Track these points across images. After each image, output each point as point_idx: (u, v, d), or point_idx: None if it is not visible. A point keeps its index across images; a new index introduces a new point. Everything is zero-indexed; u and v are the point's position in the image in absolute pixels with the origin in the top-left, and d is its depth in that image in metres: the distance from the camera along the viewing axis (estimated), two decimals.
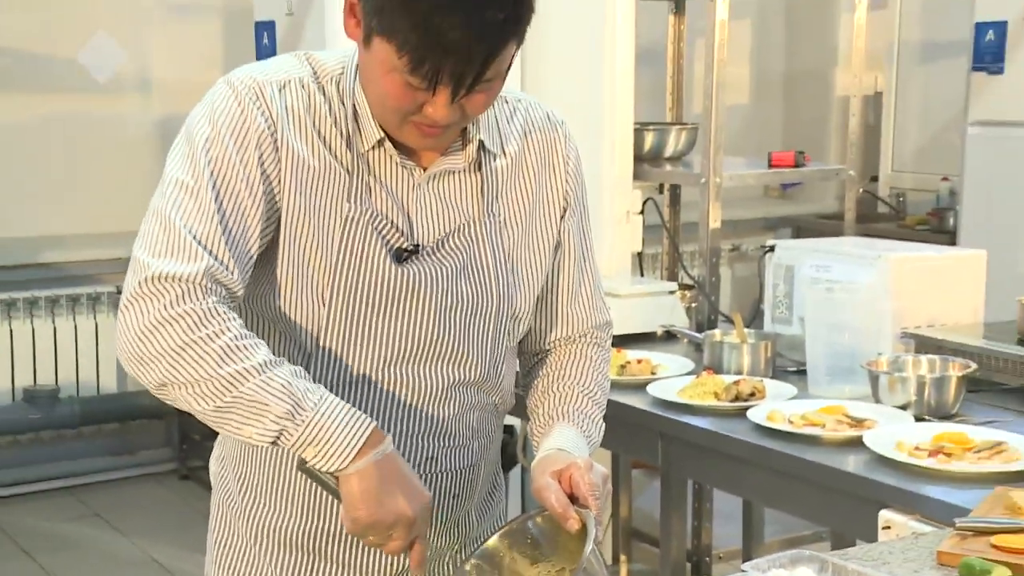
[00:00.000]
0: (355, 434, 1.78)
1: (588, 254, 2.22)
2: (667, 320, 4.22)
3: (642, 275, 4.88)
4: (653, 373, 3.65)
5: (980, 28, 6.02)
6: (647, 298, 4.22)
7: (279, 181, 1.90)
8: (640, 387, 3.52)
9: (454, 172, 2.02)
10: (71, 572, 5.48)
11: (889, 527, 2.68)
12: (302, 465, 1.82)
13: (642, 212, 4.61)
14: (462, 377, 2.06)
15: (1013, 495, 2.42)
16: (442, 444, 2.07)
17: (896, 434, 2.98)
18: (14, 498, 6.30)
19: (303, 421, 1.77)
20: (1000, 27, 5.94)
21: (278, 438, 1.78)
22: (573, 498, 1.90)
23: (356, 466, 1.78)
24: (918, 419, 3.16)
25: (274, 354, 1.84)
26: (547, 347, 2.25)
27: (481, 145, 2.03)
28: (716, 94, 4.52)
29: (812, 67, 8.18)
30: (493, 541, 1.96)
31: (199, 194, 1.85)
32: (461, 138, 2.01)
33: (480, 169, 2.04)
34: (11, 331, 6.30)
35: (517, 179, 2.09)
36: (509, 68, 1.87)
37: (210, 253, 1.81)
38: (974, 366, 3.33)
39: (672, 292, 4.35)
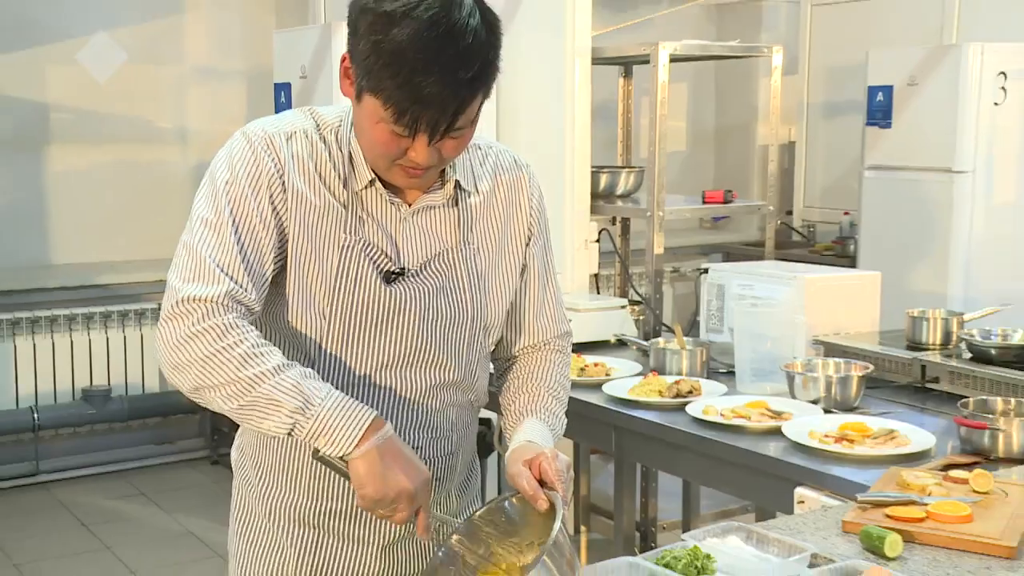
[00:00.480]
0: (358, 423, 1.78)
1: (550, 275, 2.22)
2: (619, 330, 4.20)
3: (598, 292, 4.87)
4: (607, 374, 3.65)
5: (872, 91, 6.08)
6: (602, 312, 4.21)
7: (287, 215, 1.91)
8: (596, 387, 3.51)
9: (434, 207, 2.03)
10: (121, 542, 5.46)
11: (803, 502, 2.69)
12: (316, 454, 1.82)
13: (598, 240, 4.63)
14: (442, 379, 2.06)
15: (904, 474, 2.44)
16: (426, 436, 2.07)
17: (808, 424, 3.00)
18: (75, 480, 6.28)
19: (312, 415, 1.77)
20: (888, 90, 6.00)
21: (292, 430, 1.78)
22: (542, 482, 1.90)
23: (361, 450, 1.78)
24: (826, 411, 3.17)
25: (301, 343, 1.90)
26: (516, 353, 2.24)
27: (457, 184, 2.04)
28: (658, 143, 4.53)
29: (737, 121, 8.20)
30: (474, 519, 1.95)
31: (220, 229, 1.87)
32: (440, 178, 2.02)
33: (457, 204, 2.05)
34: (71, 341, 6.28)
35: (488, 213, 2.09)
36: (477, 119, 1.89)
37: (230, 278, 1.84)
38: (871, 367, 3.37)
39: (623, 307, 4.33)
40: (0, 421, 6.08)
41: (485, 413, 2.30)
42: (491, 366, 2.25)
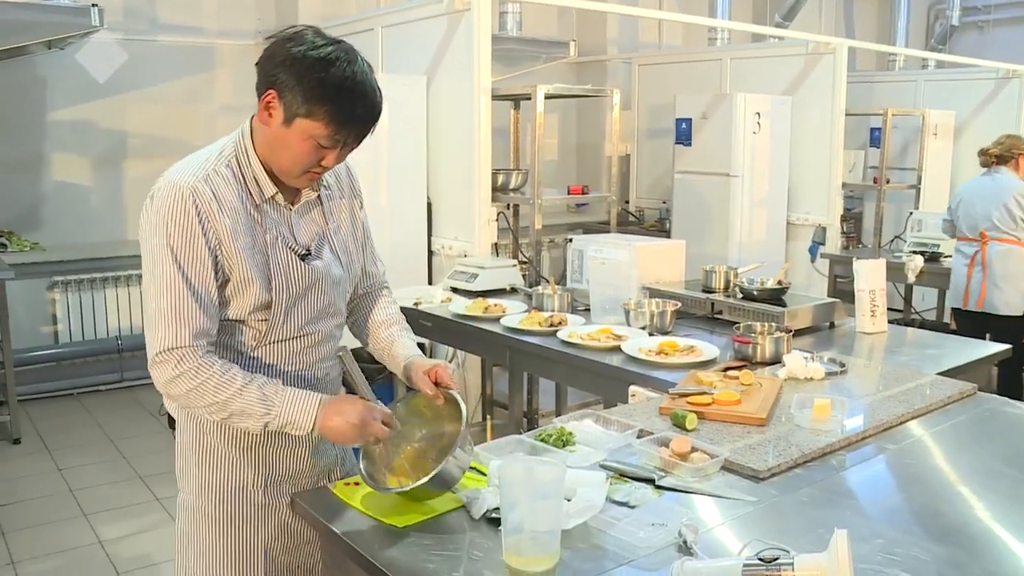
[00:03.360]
0: (309, 413, 1.70)
1: (370, 230, 2.07)
2: (511, 282, 4.16)
3: (497, 255, 4.83)
4: (503, 312, 3.60)
5: (678, 121, 6.15)
6: (500, 269, 4.15)
7: (217, 243, 1.70)
8: (496, 320, 3.47)
9: (309, 203, 1.87)
10: None
11: (635, 395, 2.69)
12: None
13: (497, 220, 4.59)
14: (337, 322, 1.94)
15: (699, 375, 2.47)
16: (330, 359, 1.93)
17: (639, 343, 3.00)
18: (146, 385, 6.06)
19: (275, 416, 1.69)
20: (689, 121, 6.08)
21: (266, 427, 1.70)
22: (436, 384, 1.85)
23: (318, 427, 1.70)
24: (650, 334, 3.17)
25: (245, 321, 1.78)
26: (360, 291, 2.09)
27: (319, 184, 1.88)
28: (538, 154, 4.50)
29: (591, 140, 8.19)
30: (395, 408, 1.85)
31: (173, 286, 1.68)
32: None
33: (320, 199, 1.89)
34: (140, 292, 5.99)
35: (336, 197, 1.94)
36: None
37: (189, 324, 1.68)
38: (680, 304, 3.36)
39: (514, 265, 4.28)
40: (96, 346, 5.96)
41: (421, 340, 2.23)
42: None
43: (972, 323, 5.09)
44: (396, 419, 1.79)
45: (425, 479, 1.64)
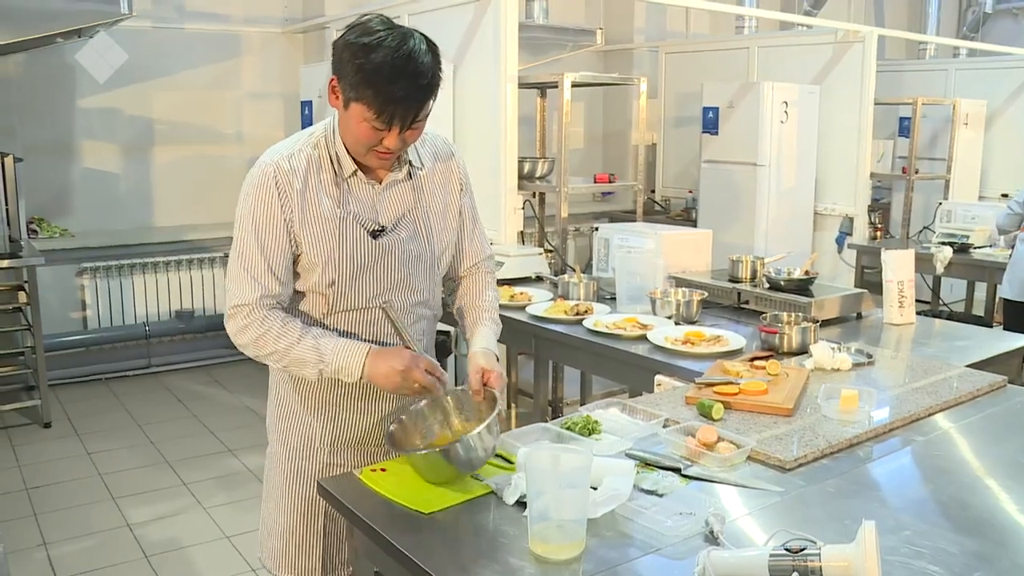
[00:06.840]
0: (357, 360, 1.86)
1: (476, 216, 2.16)
2: (537, 270, 4.16)
3: (523, 244, 4.82)
4: (529, 300, 3.61)
5: (705, 110, 6.10)
6: (526, 257, 4.16)
7: (293, 217, 1.87)
8: (521, 308, 3.48)
9: (397, 182, 1.97)
10: (203, 412, 5.43)
11: (660, 384, 2.68)
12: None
13: (523, 208, 4.59)
14: (415, 300, 2.02)
15: (725, 364, 2.46)
16: (410, 338, 2.02)
17: (665, 332, 2.99)
18: (173, 371, 6.22)
19: (328, 364, 1.86)
20: (715, 110, 6.03)
21: (319, 375, 1.87)
22: (487, 385, 1.91)
23: (366, 374, 1.86)
24: (676, 324, 3.17)
25: (316, 291, 1.91)
26: (462, 274, 2.17)
27: (410, 163, 1.98)
28: (564, 142, 4.50)
29: (617, 128, 8.15)
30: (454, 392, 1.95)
31: (248, 251, 1.87)
32: (398, 161, 1.96)
33: (411, 178, 1.99)
34: (168, 278, 6.17)
35: (432, 180, 2.03)
36: (428, 114, 1.86)
37: (261, 285, 1.87)
38: (706, 293, 3.35)
39: (540, 254, 4.28)
40: (124, 332, 6.04)
41: (444, 327, 2.25)
42: (442, 289, 2.18)
43: None
44: (445, 378, 1.91)
45: (445, 444, 1.71)
